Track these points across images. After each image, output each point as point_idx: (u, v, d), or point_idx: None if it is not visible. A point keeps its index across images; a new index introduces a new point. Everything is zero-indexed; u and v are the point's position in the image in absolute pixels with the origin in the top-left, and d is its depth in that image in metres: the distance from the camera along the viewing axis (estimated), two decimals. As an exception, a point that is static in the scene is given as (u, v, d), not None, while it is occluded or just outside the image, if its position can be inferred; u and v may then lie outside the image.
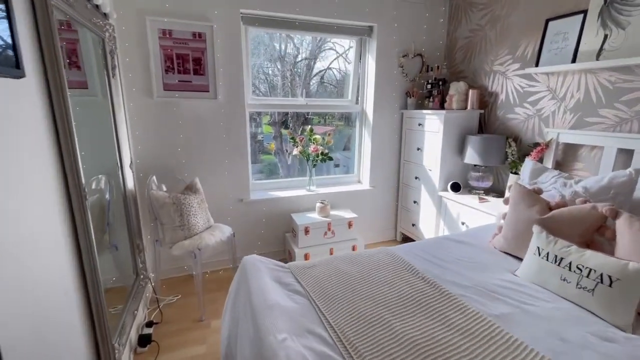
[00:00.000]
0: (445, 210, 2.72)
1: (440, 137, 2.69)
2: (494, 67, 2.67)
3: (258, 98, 2.91)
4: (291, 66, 3.13)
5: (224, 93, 2.55)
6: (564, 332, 1.15)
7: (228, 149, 2.65)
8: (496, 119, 2.70)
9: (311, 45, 3.19)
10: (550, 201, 1.75)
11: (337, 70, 3.28)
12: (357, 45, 3.08)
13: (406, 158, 3.14)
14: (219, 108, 2.56)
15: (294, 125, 3.30)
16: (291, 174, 3.33)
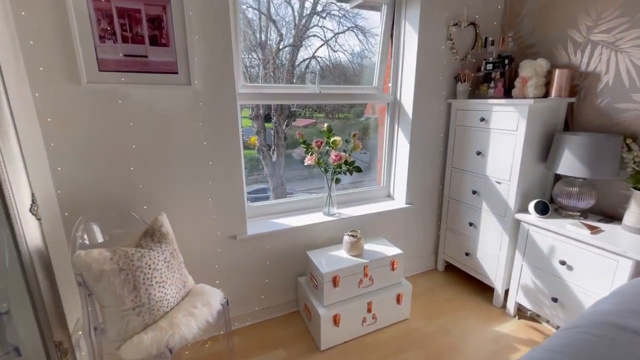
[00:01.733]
0: (527, 241, 1.90)
1: (521, 138, 1.85)
2: (592, 37, 1.85)
3: (254, 85, 1.94)
4: (274, 52, 2.17)
5: (203, 76, 1.57)
6: None
7: (212, 163, 1.69)
8: (593, 111, 1.88)
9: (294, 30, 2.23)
10: None
11: (325, 58, 2.33)
12: (388, 11, 2.16)
13: (456, 165, 2.29)
14: (195, 100, 1.59)
15: (278, 119, 2.38)
16: (276, 172, 2.43)
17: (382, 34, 2.20)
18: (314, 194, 2.30)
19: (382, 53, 2.22)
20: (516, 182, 1.90)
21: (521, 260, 1.94)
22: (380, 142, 2.55)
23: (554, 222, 1.79)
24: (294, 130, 2.37)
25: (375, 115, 2.60)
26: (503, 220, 2.01)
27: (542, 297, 1.85)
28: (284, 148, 2.52)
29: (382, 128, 2.49)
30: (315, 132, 2.39)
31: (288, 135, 2.44)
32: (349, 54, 2.32)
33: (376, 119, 2.58)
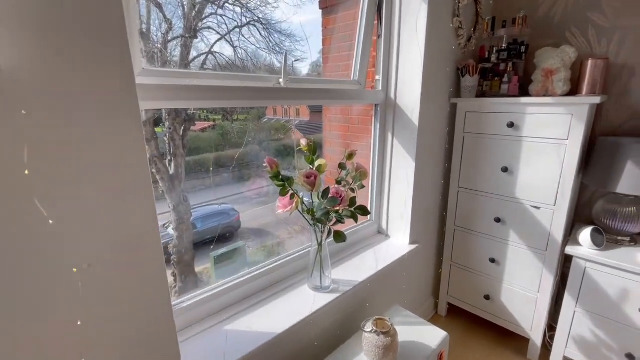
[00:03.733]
0: (583, 282, 1.43)
1: (575, 149, 1.35)
2: (620, 22, 1.48)
3: (171, 71, 0.92)
4: (163, 43, 1.22)
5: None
6: None
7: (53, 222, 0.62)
8: (625, 111, 1.53)
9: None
10: None
11: (225, 56, 1.48)
12: (378, -33, 1.40)
13: (466, 184, 1.70)
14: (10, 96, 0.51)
15: (172, 124, 1.42)
16: (176, 187, 1.50)
17: (363, 7, 1.42)
18: (279, 261, 1.37)
19: (364, 34, 1.44)
20: (566, 206, 1.40)
21: (574, 306, 1.46)
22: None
23: (618, 255, 1.35)
24: (192, 136, 1.43)
25: (288, 117, 1.83)
26: (544, 255, 1.50)
27: (608, 351, 1.40)
28: (184, 157, 1.53)
29: (365, 138, 1.72)
30: (215, 137, 1.52)
31: (188, 141, 1.48)
32: (249, 51, 1.48)
33: (288, 122, 1.78)
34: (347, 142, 2.23)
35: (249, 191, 1.73)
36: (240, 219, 1.84)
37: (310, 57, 1.67)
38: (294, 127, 1.88)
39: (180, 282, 1.72)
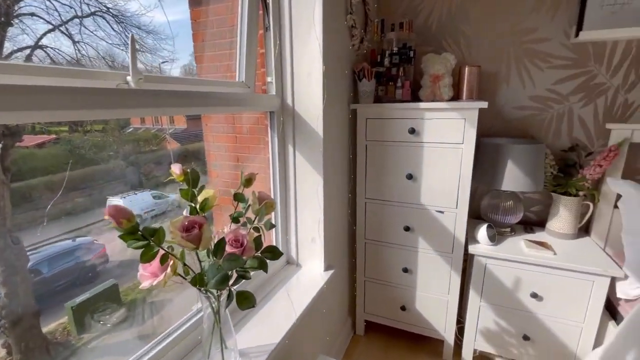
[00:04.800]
0: (485, 277, 1.48)
1: (469, 152, 1.37)
2: (482, 34, 1.61)
3: None
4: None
5: None
6: None
7: None
8: (494, 115, 1.68)
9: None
10: None
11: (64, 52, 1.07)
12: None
13: (373, 195, 1.58)
14: None
15: None
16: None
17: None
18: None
19: (247, 25, 1.13)
20: (466, 208, 1.43)
21: (479, 302, 1.51)
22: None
23: (507, 247, 1.44)
24: (20, 155, 0.91)
25: (160, 124, 1.47)
26: (450, 257, 1.51)
27: (509, 337, 1.50)
28: (7, 185, 0.97)
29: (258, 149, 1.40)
30: (60, 153, 1.07)
31: (12, 163, 0.94)
32: (99, 49, 1.06)
33: (160, 131, 1.41)
34: (237, 154, 1.86)
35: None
36: (107, 252, 1.32)
37: (182, 59, 1.29)
38: (168, 137, 1.43)
39: (19, 354, 1.11)
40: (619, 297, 1.30)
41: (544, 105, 1.57)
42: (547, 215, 1.59)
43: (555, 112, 1.56)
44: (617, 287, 1.31)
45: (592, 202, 1.49)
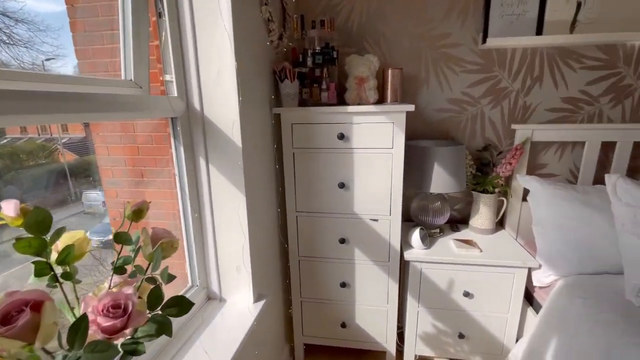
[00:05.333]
0: (421, 282, 1.45)
1: (399, 157, 1.32)
2: (401, 36, 1.60)
3: None
4: None
5: None
6: None
7: None
8: (417, 117, 1.69)
9: None
10: None
11: None
12: None
13: (304, 207, 1.43)
14: None
15: None
16: None
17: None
18: None
19: (133, 9, 0.87)
20: (399, 214, 1.38)
21: (417, 307, 1.48)
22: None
23: (439, 249, 1.45)
24: None
25: (49, 133, 1.16)
26: (387, 266, 1.45)
27: (446, 337, 1.50)
28: None
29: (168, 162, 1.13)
30: None
31: None
32: None
33: (50, 141, 1.08)
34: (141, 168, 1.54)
35: None
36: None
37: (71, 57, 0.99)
38: (60, 147, 1.10)
39: None
40: (535, 285, 1.40)
41: (460, 108, 1.64)
42: (469, 213, 1.66)
43: (469, 114, 1.64)
44: (533, 275, 1.40)
45: (506, 198, 1.60)
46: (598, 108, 1.54)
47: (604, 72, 1.50)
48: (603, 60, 1.48)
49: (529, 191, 1.48)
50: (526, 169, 1.57)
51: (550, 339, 1.20)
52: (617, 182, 1.18)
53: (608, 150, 1.53)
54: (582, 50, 1.49)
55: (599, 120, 1.55)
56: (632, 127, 1.46)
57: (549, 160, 1.62)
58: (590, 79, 1.51)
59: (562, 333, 1.16)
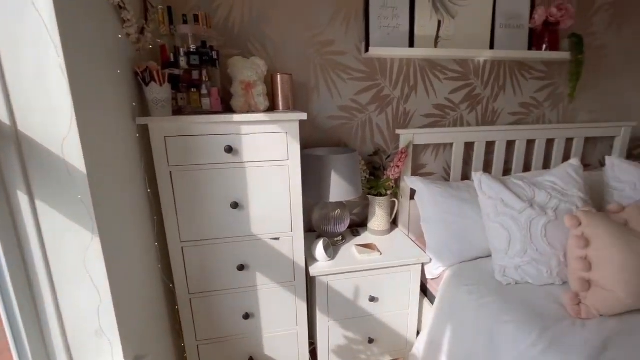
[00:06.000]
0: (329, 296, 1.39)
1: (296, 169, 1.22)
2: (288, 40, 1.52)
3: None
4: None
5: None
6: None
7: None
8: (310, 125, 1.64)
9: None
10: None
11: None
12: None
13: (191, 236, 1.19)
14: None
15: None
16: None
17: None
18: None
19: None
20: (301, 229, 1.28)
21: (327, 322, 1.42)
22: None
23: (343, 258, 1.42)
24: None
25: None
26: (294, 286, 1.34)
27: (357, 345, 1.49)
28: None
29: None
30: None
31: None
32: None
33: None
34: None
35: None
36: None
37: None
38: None
39: None
40: (428, 278, 1.51)
41: (350, 115, 1.66)
42: (367, 216, 1.70)
43: (359, 120, 1.67)
44: (425, 269, 1.51)
45: (397, 199, 1.69)
46: (459, 113, 1.78)
47: (461, 83, 1.73)
48: (459, 73, 1.72)
49: (415, 191, 1.60)
50: (411, 170, 1.70)
51: (445, 328, 1.30)
52: (481, 178, 1.36)
53: (469, 149, 1.78)
54: (444, 63, 1.69)
55: (460, 124, 1.79)
56: (484, 130, 1.72)
57: (428, 160, 1.79)
58: (452, 88, 1.73)
59: (454, 321, 1.26)
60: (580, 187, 1.33)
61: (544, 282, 1.23)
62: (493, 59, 1.72)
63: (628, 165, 1.49)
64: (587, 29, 1.79)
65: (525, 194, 1.31)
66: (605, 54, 1.86)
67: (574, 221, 1.11)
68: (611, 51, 1.86)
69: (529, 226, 1.24)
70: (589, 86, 1.88)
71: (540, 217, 1.24)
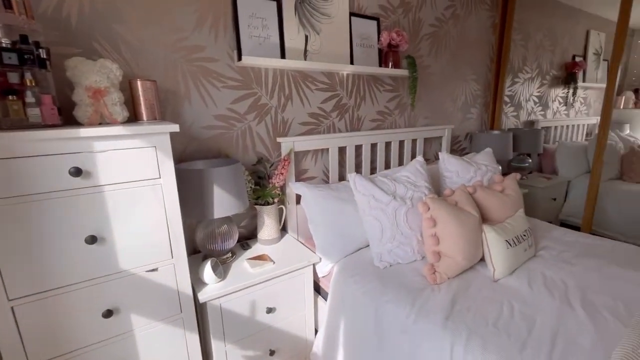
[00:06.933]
0: (223, 319, 1.29)
1: (171, 187, 1.08)
2: (147, 43, 1.35)
3: None
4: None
5: None
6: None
7: None
8: (184, 136, 1.49)
9: None
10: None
11: None
12: None
13: (26, 289, 0.89)
14: None
15: None
16: None
17: None
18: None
19: None
20: (184, 254, 1.15)
21: (224, 347, 1.32)
22: None
23: (235, 276, 1.36)
24: None
25: None
26: (181, 318, 1.19)
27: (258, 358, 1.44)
28: None
29: None
30: None
31: None
32: None
33: None
34: None
35: None
36: None
37: None
38: None
39: None
40: (319, 276, 1.59)
41: (228, 124, 1.59)
42: (256, 226, 1.66)
43: (239, 129, 1.63)
44: (317, 268, 1.59)
45: (284, 205, 1.72)
46: (331, 121, 1.95)
47: (330, 93, 1.90)
48: (328, 84, 1.88)
49: (301, 195, 1.66)
50: (295, 176, 1.76)
51: (339, 320, 1.40)
52: (355, 179, 1.52)
53: (343, 152, 1.98)
54: (314, 75, 1.82)
55: (333, 130, 1.97)
56: (352, 135, 1.94)
57: (309, 165, 1.90)
58: (323, 98, 1.88)
59: (346, 312, 1.37)
60: (425, 179, 1.65)
61: (410, 260, 1.48)
62: (354, 73, 1.95)
63: (453, 158, 1.94)
64: (418, 52, 2.25)
65: (389, 189, 1.54)
66: (431, 73, 2.37)
67: (425, 207, 1.38)
68: (434, 70, 2.39)
69: (395, 215, 1.47)
70: (422, 97, 2.37)
71: (401, 206, 1.48)
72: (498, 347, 0.97)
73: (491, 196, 1.58)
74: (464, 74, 2.59)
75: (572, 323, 1.07)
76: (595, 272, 1.36)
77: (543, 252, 1.57)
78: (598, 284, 1.27)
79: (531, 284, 1.29)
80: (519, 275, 1.36)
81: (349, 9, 1.84)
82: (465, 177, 1.87)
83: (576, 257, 1.50)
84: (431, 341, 1.06)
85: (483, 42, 2.66)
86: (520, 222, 1.50)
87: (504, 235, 1.38)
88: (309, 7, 1.70)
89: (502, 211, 1.56)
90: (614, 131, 3.39)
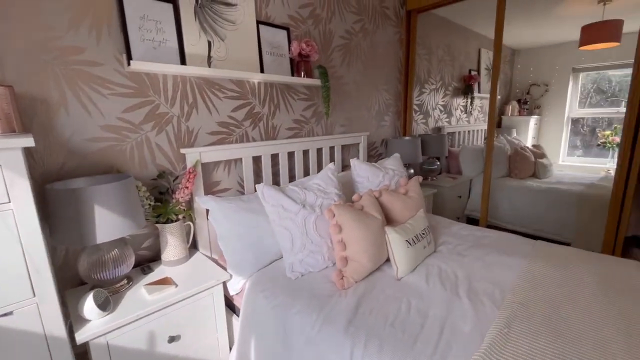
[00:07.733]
0: (112, 359, 1.13)
1: (31, 211, 0.91)
2: (12, 41, 1.14)
3: None
4: None
5: None
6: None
7: None
8: (61, 151, 1.29)
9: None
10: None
11: None
12: None
13: None
14: None
15: None
16: None
17: None
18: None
19: None
20: (52, 289, 0.98)
21: (115, 389, 1.16)
22: None
23: (128, 306, 1.21)
24: None
25: None
26: (52, 365, 1.00)
27: (162, 398, 1.30)
28: None
29: None
30: None
31: None
32: None
33: None
34: None
35: None
36: None
37: None
38: None
39: None
40: (231, 294, 1.51)
41: (120, 135, 1.43)
42: (160, 247, 1.52)
43: (133, 141, 1.47)
44: (228, 286, 1.50)
45: (192, 221, 1.61)
46: (244, 130, 1.89)
47: (241, 102, 1.85)
48: (238, 92, 1.82)
49: (209, 210, 1.56)
50: (203, 189, 1.65)
51: (250, 338, 1.34)
52: (263, 190, 1.49)
53: (258, 162, 1.93)
54: (222, 83, 1.75)
55: (247, 139, 1.91)
56: (267, 144, 1.91)
57: (221, 177, 1.81)
58: (233, 107, 1.82)
59: (256, 328, 1.32)
60: (335, 185, 1.70)
61: (321, 268, 1.49)
62: (265, 81, 1.93)
63: (364, 164, 2.03)
64: (330, 62, 2.32)
65: (299, 197, 1.54)
66: (344, 82, 2.47)
67: (330, 214, 1.40)
68: (347, 80, 2.50)
69: (304, 224, 1.47)
70: (338, 106, 2.45)
71: (311, 214, 1.49)
72: (393, 346, 1.02)
73: (395, 199, 1.68)
74: (376, 84, 2.75)
75: (458, 312, 1.17)
76: (479, 261, 1.53)
77: (442, 247, 1.72)
78: (480, 273, 1.43)
79: (428, 279, 1.40)
80: (419, 271, 1.46)
81: (256, 17, 1.82)
82: (374, 182, 1.97)
83: (468, 249, 1.67)
84: (334, 349, 1.07)
85: (392, 55, 2.87)
86: (420, 221, 1.63)
87: (404, 235, 1.48)
88: (211, 12, 1.63)
89: (405, 212, 1.67)
90: (503, 135, 3.95)
